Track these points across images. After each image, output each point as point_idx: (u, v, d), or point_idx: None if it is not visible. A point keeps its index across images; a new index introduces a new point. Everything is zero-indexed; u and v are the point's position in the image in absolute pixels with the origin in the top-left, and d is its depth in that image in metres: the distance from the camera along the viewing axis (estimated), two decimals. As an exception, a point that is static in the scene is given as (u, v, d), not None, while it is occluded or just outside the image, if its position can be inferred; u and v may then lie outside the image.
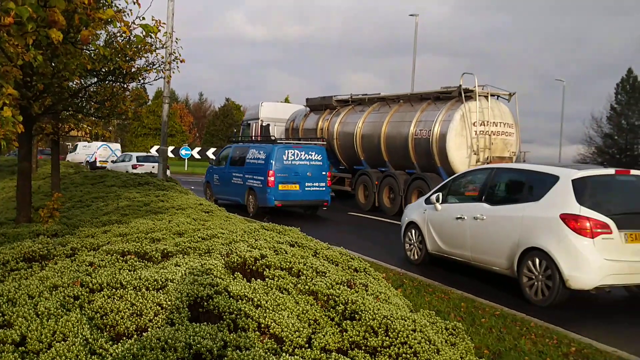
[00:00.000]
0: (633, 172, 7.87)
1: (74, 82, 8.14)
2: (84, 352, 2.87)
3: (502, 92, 16.26)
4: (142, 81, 9.85)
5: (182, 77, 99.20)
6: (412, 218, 9.84)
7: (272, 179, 15.11)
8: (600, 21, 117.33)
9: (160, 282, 3.73)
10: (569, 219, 7.02)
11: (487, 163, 14.64)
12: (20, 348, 2.94)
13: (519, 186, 8.55)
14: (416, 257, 9.70)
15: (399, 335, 3.30)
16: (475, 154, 15.31)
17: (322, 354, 3.11)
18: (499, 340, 5.65)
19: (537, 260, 7.29)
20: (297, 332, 3.28)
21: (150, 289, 3.62)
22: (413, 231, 9.78)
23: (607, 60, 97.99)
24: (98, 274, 3.82)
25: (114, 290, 3.55)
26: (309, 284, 3.97)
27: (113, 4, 8.11)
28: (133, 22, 6.74)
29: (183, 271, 4.01)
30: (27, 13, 3.23)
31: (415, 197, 15.33)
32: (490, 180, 8.69)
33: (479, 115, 15.36)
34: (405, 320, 3.45)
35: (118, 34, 8.44)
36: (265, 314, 3.39)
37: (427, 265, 9.52)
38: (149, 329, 3.14)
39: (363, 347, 3.31)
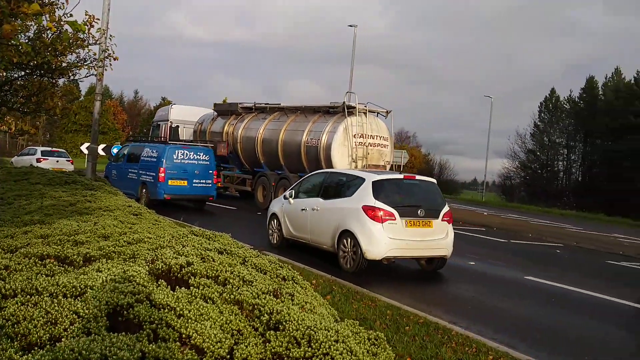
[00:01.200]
0: (418, 177, 11.08)
1: (-1, 75, 7.79)
2: (-10, 363, 2.73)
3: (380, 110, 18.78)
4: (72, 77, 9.54)
5: (117, 74, 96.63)
6: (274, 210, 12.35)
7: (162, 175, 17.21)
8: (529, 43, 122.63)
9: (79, 289, 3.60)
10: (367, 209, 9.71)
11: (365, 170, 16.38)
12: None
13: (341, 186, 11.04)
14: (275, 241, 12.20)
15: (322, 346, 3.32)
16: (354, 161, 17.63)
17: (244, 366, 3.09)
18: (421, 348, 5.81)
19: (348, 240, 9.97)
20: (219, 343, 3.23)
21: (68, 296, 3.49)
22: (274, 221, 12.26)
23: (533, 80, 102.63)
24: (12, 279, 3.66)
25: (28, 296, 3.39)
26: (234, 293, 3.92)
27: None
28: (64, 15, 6.52)
29: (104, 277, 3.88)
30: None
31: None
32: (324, 181, 11.45)
33: (359, 129, 17.75)
34: (329, 331, 3.47)
35: (47, 28, 8.16)
36: (187, 324, 3.32)
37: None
38: (63, 339, 3.02)
39: (285, 358, 3.30)
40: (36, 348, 2.95)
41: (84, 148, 33.52)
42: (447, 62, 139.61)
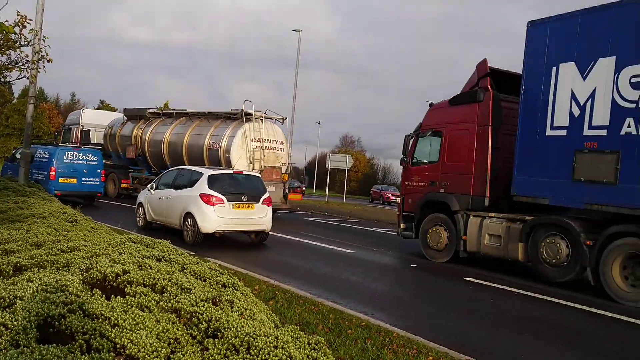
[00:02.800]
0: (245, 172, 14.76)
1: None
2: None
3: (277, 117, 21.03)
4: (2, 79, 9.17)
5: (53, 76, 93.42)
6: (140, 200, 15.32)
7: (53, 173, 19.72)
8: (470, 49, 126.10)
9: (8, 300, 3.46)
10: (203, 196, 12.81)
11: (261, 172, 18.85)
12: None
13: (187, 179, 13.86)
14: (141, 224, 15.08)
15: (261, 352, 3.31)
16: (251, 163, 19.55)
17: (179, 375, 3.04)
18: (363, 351, 5.84)
19: (189, 219, 13.00)
20: (154, 352, 3.16)
21: None
22: (140, 208, 15.15)
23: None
24: None
25: (-48, 307, 3.23)
26: (172, 301, 3.85)
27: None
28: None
29: (35, 287, 3.73)
30: None
31: None
32: (176, 175, 14.49)
33: (256, 134, 19.81)
34: (268, 337, 3.47)
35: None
36: (122, 334, 3.24)
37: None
38: (-11, 353, 2.89)
39: (224, 366, 3.27)
40: (-41, 363, 2.81)
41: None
42: (391, 68, 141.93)
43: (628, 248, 9.39)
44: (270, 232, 14.04)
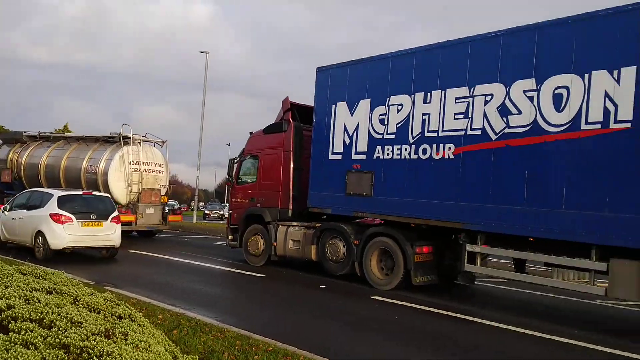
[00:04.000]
0: (94, 193, 15.96)
1: None
2: None
3: (156, 140, 21.90)
4: None
5: None
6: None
7: None
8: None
9: None
10: (52, 215, 13.81)
11: (140, 194, 20.19)
12: None
13: (38, 200, 14.82)
14: None
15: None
16: (129, 185, 20.11)
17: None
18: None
19: (40, 237, 13.94)
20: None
21: None
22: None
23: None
24: None
25: None
26: (60, 336, 3.69)
27: None
28: None
29: None
30: None
31: None
32: (29, 197, 15.49)
33: (134, 157, 20.30)
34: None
35: None
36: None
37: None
38: None
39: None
40: None
41: None
42: (301, 91, 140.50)
43: (381, 244, 12.08)
44: (143, 252, 15.91)
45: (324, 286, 11.78)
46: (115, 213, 14.87)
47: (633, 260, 8.34)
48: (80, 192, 15.53)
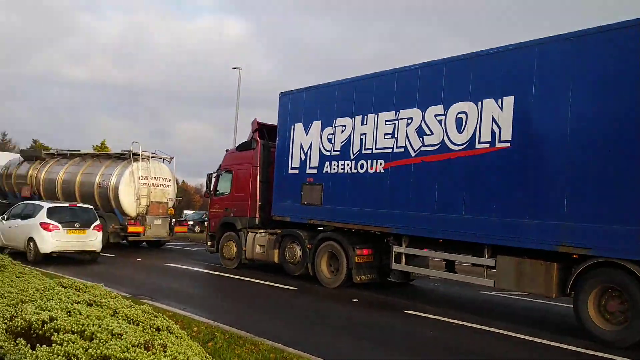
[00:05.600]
0: (78, 205, 18.26)
1: None
2: None
3: (164, 156, 23.53)
4: None
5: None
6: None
7: None
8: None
9: None
10: (42, 224, 16.16)
11: (148, 207, 21.79)
12: None
13: (32, 211, 17.17)
14: None
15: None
16: (138, 199, 21.69)
17: None
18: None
19: (32, 243, 16.32)
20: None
21: None
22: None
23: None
24: None
25: None
26: (101, 348, 3.68)
27: None
28: None
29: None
30: None
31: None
32: (24, 208, 17.83)
33: (144, 172, 21.94)
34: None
35: None
36: (46, 386, 3.10)
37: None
38: None
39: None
40: None
41: None
42: None
43: (329, 248, 13.87)
44: (173, 265, 17.37)
45: (356, 300, 12.00)
46: (97, 222, 17.13)
47: (513, 257, 10.03)
48: (67, 204, 17.90)
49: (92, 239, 16.72)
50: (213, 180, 17.99)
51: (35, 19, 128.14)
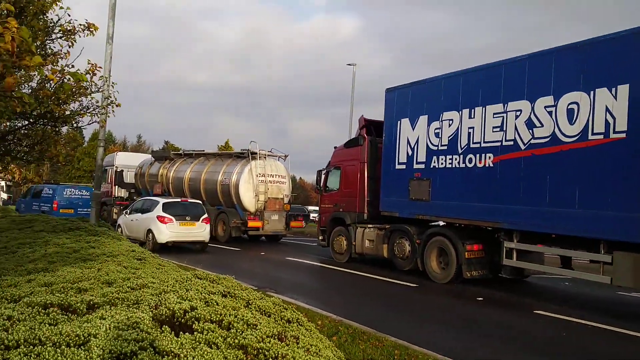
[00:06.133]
0: (189, 200, 20.33)
1: (2, 125, 7.84)
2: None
3: (279, 154, 24.58)
4: (75, 125, 9.63)
5: (120, 119, 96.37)
6: (119, 222, 20.57)
7: (55, 205, 26.29)
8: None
9: (82, 338, 3.56)
10: (159, 217, 18.10)
11: (266, 202, 22.94)
12: None
13: (149, 206, 19.16)
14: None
15: (328, 389, 3.28)
16: (256, 195, 22.95)
17: (248, 410, 3.05)
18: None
19: (150, 234, 18.19)
20: (223, 390, 3.19)
21: (71, 345, 3.44)
22: (119, 228, 19.81)
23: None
24: (15, 330, 3.60)
25: (31, 347, 3.35)
26: (238, 337, 3.89)
27: (47, 47, 7.91)
28: (67, 65, 6.63)
29: (108, 325, 3.82)
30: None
31: (220, 225, 22.71)
32: (143, 204, 19.91)
33: (261, 170, 23.19)
34: (335, 374, 3.42)
35: (50, 79, 8.23)
36: (191, 371, 3.29)
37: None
38: (67, 389, 2.99)
39: (291, 402, 3.26)
40: (39, 400, 2.92)
41: None
42: None
43: (438, 243, 13.88)
44: (292, 258, 18.08)
45: (481, 298, 11.91)
46: (205, 215, 19.18)
47: (631, 252, 9.66)
48: (179, 200, 20.18)
49: (201, 231, 18.66)
50: (323, 176, 18.64)
51: (163, 29, 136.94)
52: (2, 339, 3.42)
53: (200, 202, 20.40)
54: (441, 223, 14.46)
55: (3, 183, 33.38)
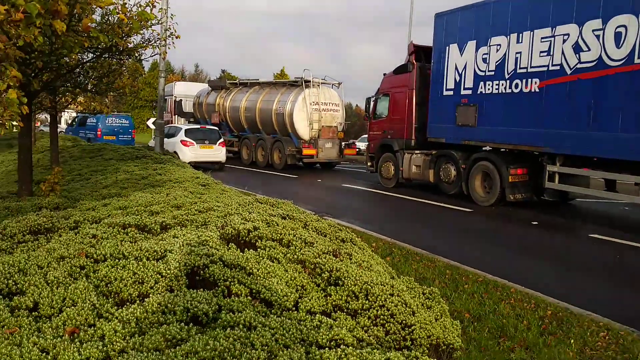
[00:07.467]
0: (207, 126, 24.03)
1: (71, 59, 8.22)
2: (92, 316, 3.14)
3: (333, 82, 24.54)
4: (138, 57, 9.98)
5: (178, 49, 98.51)
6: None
7: (99, 132, 28.31)
8: None
9: (160, 253, 3.92)
10: (182, 142, 21.33)
11: (320, 130, 23.18)
12: (33, 313, 3.17)
13: (174, 131, 22.10)
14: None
15: (378, 299, 3.63)
16: (310, 124, 23.20)
17: (308, 316, 3.39)
18: (480, 305, 5.98)
19: (176, 154, 18.91)
20: (285, 297, 3.54)
21: (151, 259, 3.80)
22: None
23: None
24: (101, 246, 4.03)
25: (117, 260, 3.76)
26: (297, 253, 4.19)
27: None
28: (132, 7, 6.89)
29: (181, 242, 4.14)
30: (35, 10, 3.40)
31: (276, 153, 23.56)
32: (169, 130, 21.89)
33: (314, 98, 23.27)
34: (384, 286, 3.77)
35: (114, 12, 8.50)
36: (256, 281, 3.62)
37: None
38: (150, 295, 3.41)
39: (345, 310, 3.62)
40: (128, 303, 3.36)
41: (150, 123, 35.36)
42: None
43: (483, 168, 14.15)
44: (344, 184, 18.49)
45: (536, 223, 11.94)
46: (221, 139, 22.20)
47: None
48: (199, 126, 23.26)
49: (218, 152, 21.87)
50: (372, 103, 18.72)
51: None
52: (91, 254, 3.89)
53: (216, 128, 23.37)
54: (486, 148, 14.66)
55: (73, 114, 34.74)
